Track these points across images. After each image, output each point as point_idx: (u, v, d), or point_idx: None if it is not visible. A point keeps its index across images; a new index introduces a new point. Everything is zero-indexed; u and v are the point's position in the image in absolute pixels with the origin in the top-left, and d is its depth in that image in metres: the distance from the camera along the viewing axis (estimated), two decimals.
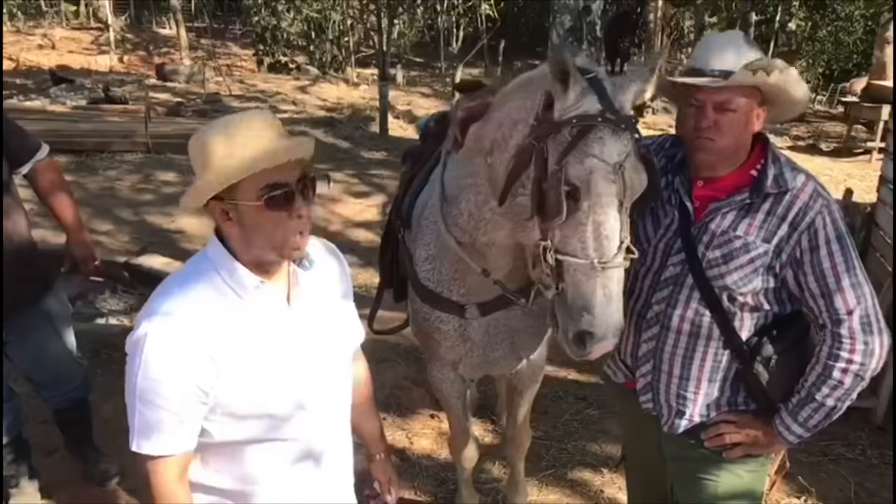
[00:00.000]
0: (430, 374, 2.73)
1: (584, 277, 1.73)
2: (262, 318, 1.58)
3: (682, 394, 2.01)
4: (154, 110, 10.45)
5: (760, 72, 1.77)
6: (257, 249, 1.56)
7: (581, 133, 1.72)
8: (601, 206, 1.71)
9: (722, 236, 1.88)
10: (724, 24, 19.68)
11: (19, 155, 2.85)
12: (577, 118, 1.74)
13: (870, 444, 3.76)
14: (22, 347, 2.94)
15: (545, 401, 3.98)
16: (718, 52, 1.86)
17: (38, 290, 2.95)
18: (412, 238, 2.47)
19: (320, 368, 1.70)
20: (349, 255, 6.24)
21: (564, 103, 1.78)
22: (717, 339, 1.93)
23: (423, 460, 3.63)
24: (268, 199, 1.49)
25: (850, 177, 9.56)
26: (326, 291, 1.77)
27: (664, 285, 1.98)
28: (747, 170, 1.91)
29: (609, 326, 1.73)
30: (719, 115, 1.83)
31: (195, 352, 1.49)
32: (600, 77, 1.81)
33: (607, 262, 1.71)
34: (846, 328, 1.80)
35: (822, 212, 1.82)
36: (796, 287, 1.86)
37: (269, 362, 1.57)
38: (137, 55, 17.06)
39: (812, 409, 1.87)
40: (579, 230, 1.74)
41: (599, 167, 1.70)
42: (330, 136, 10.39)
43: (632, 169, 1.73)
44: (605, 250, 1.72)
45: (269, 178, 1.48)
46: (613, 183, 1.70)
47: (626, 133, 1.74)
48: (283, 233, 1.53)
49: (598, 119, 1.73)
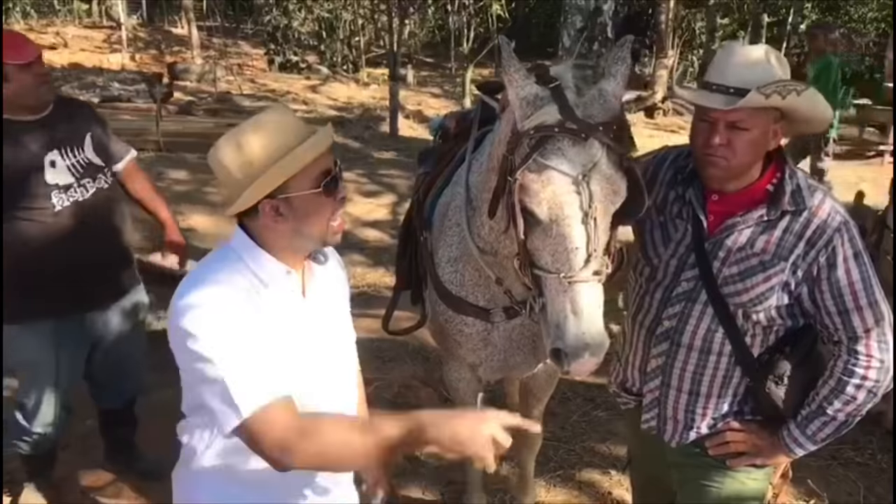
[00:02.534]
0: (445, 374, 2.73)
1: (555, 292, 1.72)
2: (281, 307, 1.62)
3: (692, 409, 1.99)
4: (165, 109, 10.49)
5: (774, 94, 1.70)
6: (305, 239, 1.62)
7: (538, 144, 1.70)
8: (563, 219, 1.68)
9: (739, 253, 1.84)
10: (736, 26, 19.59)
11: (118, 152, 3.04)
12: (535, 129, 1.72)
13: (879, 449, 3.75)
14: (101, 343, 3.00)
15: (553, 402, 3.96)
16: (737, 67, 1.78)
17: (129, 285, 3.07)
18: (434, 239, 2.46)
19: (331, 360, 1.74)
20: (359, 255, 6.29)
21: (522, 112, 1.76)
22: (728, 355, 1.91)
23: (430, 460, 3.61)
24: (325, 184, 1.56)
25: (862, 179, 9.49)
26: (334, 286, 1.82)
27: (676, 301, 1.94)
28: (763, 185, 1.86)
29: (579, 344, 1.68)
30: (732, 133, 1.76)
31: (237, 324, 1.51)
32: (566, 85, 1.76)
33: (573, 276, 1.68)
34: (863, 345, 1.79)
35: (840, 229, 1.78)
36: (811, 304, 1.83)
37: (285, 351, 1.59)
38: (149, 54, 17.09)
39: (822, 423, 1.86)
40: (546, 243, 1.72)
41: (557, 178, 1.67)
42: (340, 135, 10.40)
43: (602, 179, 1.69)
44: (571, 263, 1.69)
45: (320, 165, 1.56)
46: (577, 194, 1.67)
47: (590, 143, 1.69)
48: (333, 216, 1.60)
49: (554, 129, 1.69)
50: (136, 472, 3.35)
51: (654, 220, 2.02)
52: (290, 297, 1.66)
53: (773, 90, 1.69)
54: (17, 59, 2.57)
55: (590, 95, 1.76)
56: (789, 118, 1.83)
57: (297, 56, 16.54)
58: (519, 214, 1.73)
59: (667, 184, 2.02)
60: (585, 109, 1.73)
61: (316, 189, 1.55)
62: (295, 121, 1.61)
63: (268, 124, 1.56)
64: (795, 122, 1.85)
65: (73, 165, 2.77)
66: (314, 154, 1.53)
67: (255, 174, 1.52)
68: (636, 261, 2.08)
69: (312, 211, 1.57)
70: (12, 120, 2.65)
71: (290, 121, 1.60)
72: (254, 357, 1.50)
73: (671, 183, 2.00)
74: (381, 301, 5.14)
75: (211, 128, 9.18)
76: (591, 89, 1.78)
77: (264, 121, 1.57)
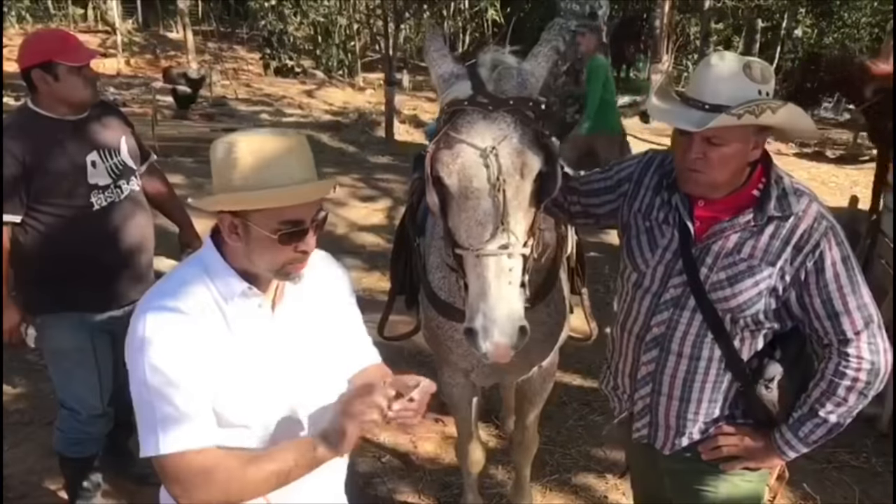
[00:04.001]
0: (440, 380, 2.72)
1: (469, 269, 1.72)
2: (244, 325, 1.58)
3: (683, 415, 1.98)
4: (161, 113, 10.49)
5: (747, 115, 1.68)
6: (255, 266, 1.57)
7: (451, 118, 1.73)
8: (472, 191, 1.70)
9: (726, 258, 1.84)
10: (731, 31, 19.67)
11: (142, 155, 3.11)
12: (448, 104, 1.75)
13: (874, 452, 3.75)
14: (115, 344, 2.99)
15: (549, 406, 3.95)
16: (713, 82, 1.76)
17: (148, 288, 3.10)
18: (426, 245, 2.47)
19: (307, 378, 1.67)
20: (354, 259, 6.28)
21: (440, 90, 1.81)
22: (718, 360, 1.91)
23: (426, 464, 3.63)
24: (283, 234, 1.50)
25: (856, 184, 9.55)
26: (319, 301, 1.75)
27: (664, 307, 1.94)
28: (749, 190, 1.86)
29: (486, 321, 1.66)
30: (708, 147, 1.76)
31: (196, 345, 1.50)
32: (482, 64, 1.80)
33: (481, 249, 1.68)
34: (853, 347, 1.79)
35: (826, 234, 1.78)
36: (799, 309, 1.83)
37: (251, 370, 1.57)
38: (144, 58, 17.11)
39: (814, 425, 1.86)
40: (461, 219, 1.73)
41: (466, 151, 1.69)
42: (336, 140, 10.43)
43: (512, 152, 1.69)
44: (479, 236, 1.69)
45: (288, 214, 1.50)
46: (485, 167, 1.67)
47: (503, 116, 1.71)
48: (284, 261, 1.55)
49: (465, 103, 1.72)
50: (131, 477, 3.35)
51: (640, 226, 2.02)
52: (254, 314, 1.61)
53: (744, 111, 1.68)
54: (70, 60, 2.65)
55: (504, 72, 1.79)
56: (776, 131, 1.84)
57: (293, 61, 16.57)
58: (432, 188, 1.74)
59: (652, 189, 2.01)
60: (498, 85, 1.76)
61: (272, 234, 1.50)
62: (301, 158, 1.54)
63: (273, 148, 1.51)
64: (782, 132, 1.86)
65: (111, 167, 2.87)
66: (292, 202, 1.48)
67: (225, 186, 1.50)
68: (623, 267, 2.08)
69: (264, 248, 1.53)
70: (55, 118, 2.74)
71: (298, 155, 1.53)
72: (189, 393, 1.48)
73: (657, 188, 2.00)
74: (376, 306, 5.10)
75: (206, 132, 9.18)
76: (508, 67, 1.81)
77: (272, 143, 1.52)
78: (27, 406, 3.98)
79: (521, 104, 1.74)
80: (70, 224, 2.76)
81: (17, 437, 3.70)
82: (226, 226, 1.54)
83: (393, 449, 3.75)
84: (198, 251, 1.66)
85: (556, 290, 2.42)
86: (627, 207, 2.06)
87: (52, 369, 2.98)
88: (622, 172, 2.10)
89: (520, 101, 1.74)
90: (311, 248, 1.57)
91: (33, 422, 3.81)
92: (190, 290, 1.55)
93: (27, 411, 3.93)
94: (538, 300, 2.29)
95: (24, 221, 2.73)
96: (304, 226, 1.53)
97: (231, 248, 1.58)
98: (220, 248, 1.61)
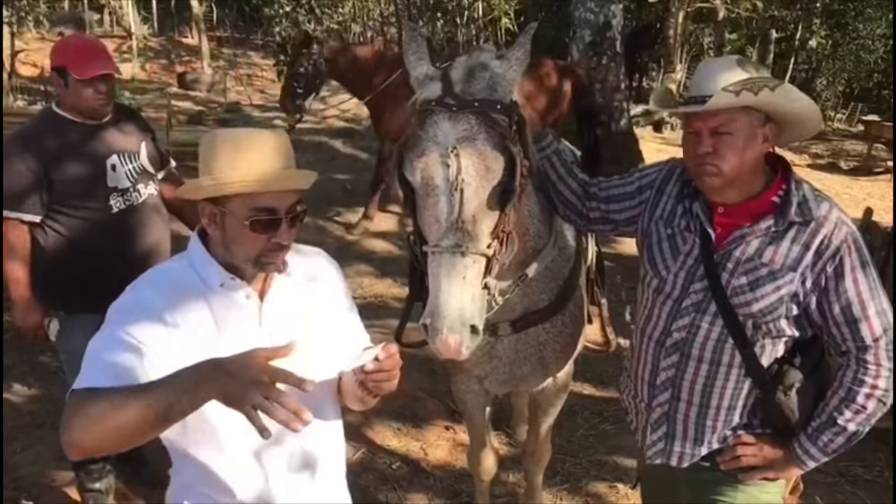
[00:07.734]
0: (454, 386, 2.73)
1: (427, 266, 1.76)
2: (227, 315, 1.60)
3: (702, 423, 1.98)
4: (175, 119, 10.56)
5: (745, 92, 1.71)
6: (232, 257, 1.60)
7: (419, 117, 1.77)
8: (432, 188, 1.73)
9: (747, 263, 1.84)
10: (745, 41, 19.64)
11: (161, 161, 3.18)
12: (419, 104, 1.80)
13: (887, 466, 3.72)
14: None
15: (560, 415, 3.94)
16: (711, 76, 1.81)
17: None
18: None
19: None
20: (366, 265, 6.30)
21: (415, 91, 1.86)
22: (738, 366, 1.90)
23: (437, 472, 3.63)
24: (253, 221, 1.54)
25: (870, 196, 9.50)
26: (311, 294, 1.75)
27: (685, 313, 1.94)
28: (769, 196, 1.86)
29: (435, 317, 1.68)
30: (716, 140, 1.78)
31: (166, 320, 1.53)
32: (455, 66, 1.83)
33: (436, 246, 1.72)
34: (872, 354, 1.79)
35: (846, 240, 1.78)
36: (818, 315, 1.83)
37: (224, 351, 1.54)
38: (159, 64, 17.24)
39: (833, 434, 1.85)
40: (424, 216, 1.77)
41: (429, 149, 1.73)
42: (349, 146, 10.45)
43: (474, 153, 1.72)
44: (435, 233, 1.73)
45: (260, 201, 1.54)
46: (445, 166, 1.70)
47: (467, 118, 1.74)
48: (259, 251, 1.58)
49: (432, 103, 1.76)
50: (143, 480, 3.37)
51: (661, 233, 2.03)
52: (244, 302, 1.63)
53: (741, 87, 1.71)
54: (77, 73, 2.71)
55: (475, 74, 1.82)
56: (780, 121, 1.85)
57: None
58: (398, 186, 1.80)
59: (674, 197, 2.03)
60: (466, 87, 1.79)
61: (244, 220, 1.53)
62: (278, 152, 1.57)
63: (250, 141, 1.56)
64: (785, 123, 1.86)
65: (130, 171, 2.91)
66: (259, 188, 1.52)
67: (204, 174, 1.55)
68: (644, 273, 2.09)
69: (237, 238, 1.56)
70: (76, 121, 2.81)
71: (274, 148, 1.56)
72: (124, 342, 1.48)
73: (679, 196, 2.01)
74: (387, 312, 5.15)
75: None
76: (479, 69, 1.83)
77: (249, 136, 1.57)
78: (40, 408, 4.00)
79: (488, 106, 1.77)
80: (88, 226, 2.80)
81: (30, 438, 3.73)
82: (206, 214, 1.58)
83: (404, 455, 3.75)
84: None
85: (573, 300, 2.42)
86: (648, 215, 2.07)
87: (67, 370, 3.00)
88: (644, 179, 2.11)
89: (486, 103, 1.77)
90: (285, 241, 1.59)
91: (46, 424, 3.83)
92: (174, 278, 1.61)
93: (40, 413, 3.96)
94: (555, 311, 2.29)
95: (43, 222, 2.77)
96: (278, 215, 1.56)
97: (212, 239, 1.62)
98: (205, 240, 1.65)
